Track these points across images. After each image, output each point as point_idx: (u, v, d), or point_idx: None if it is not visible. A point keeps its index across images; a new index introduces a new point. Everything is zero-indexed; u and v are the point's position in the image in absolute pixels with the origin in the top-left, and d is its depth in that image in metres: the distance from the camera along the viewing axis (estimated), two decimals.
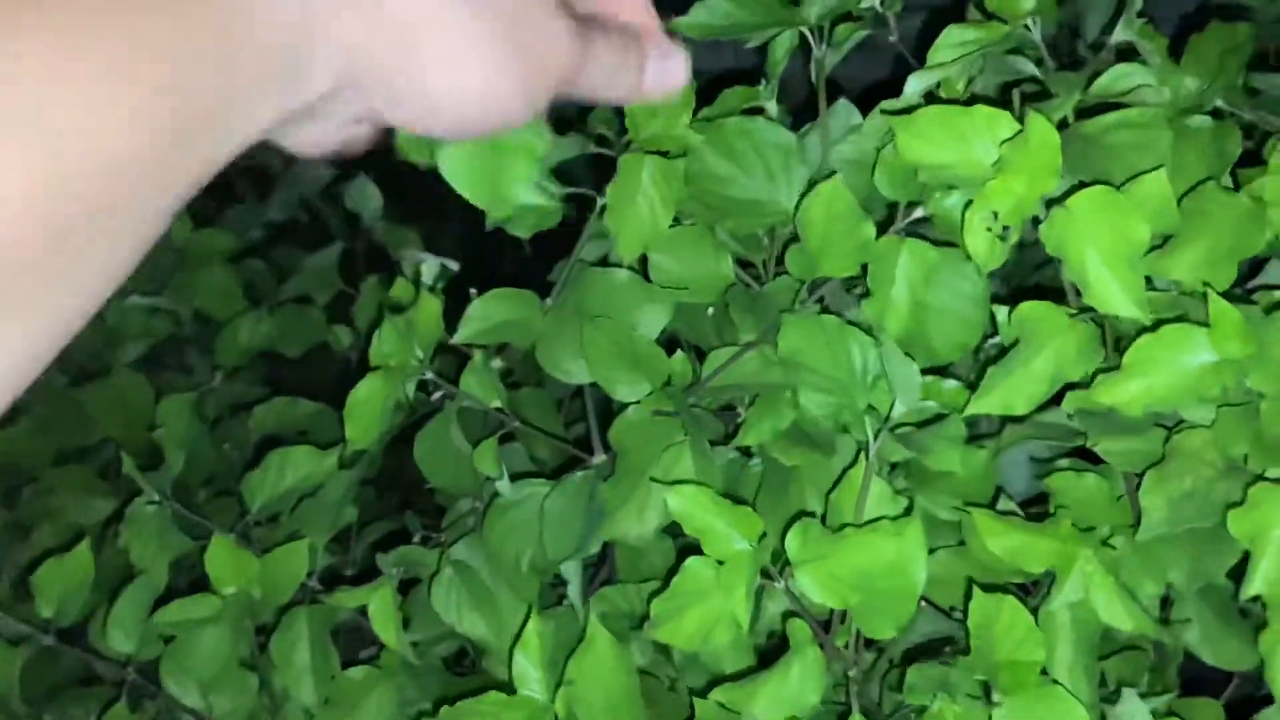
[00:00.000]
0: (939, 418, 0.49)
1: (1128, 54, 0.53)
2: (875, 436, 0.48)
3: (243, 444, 0.74)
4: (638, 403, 0.54)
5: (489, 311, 0.57)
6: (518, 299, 0.57)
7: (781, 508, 0.54)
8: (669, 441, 0.54)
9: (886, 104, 0.53)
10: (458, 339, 0.57)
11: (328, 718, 0.59)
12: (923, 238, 0.51)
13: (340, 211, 0.91)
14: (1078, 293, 0.48)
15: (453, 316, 0.58)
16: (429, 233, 0.85)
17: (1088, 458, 0.53)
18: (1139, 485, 0.50)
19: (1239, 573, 0.49)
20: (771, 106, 0.56)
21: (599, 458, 0.58)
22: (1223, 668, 0.50)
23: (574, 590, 0.57)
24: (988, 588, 0.54)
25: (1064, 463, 0.54)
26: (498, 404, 0.58)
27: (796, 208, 0.53)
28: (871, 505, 0.48)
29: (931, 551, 0.51)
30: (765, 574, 0.46)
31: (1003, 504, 0.54)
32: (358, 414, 0.58)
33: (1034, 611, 0.55)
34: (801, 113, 0.58)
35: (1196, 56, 0.51)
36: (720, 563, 0.46)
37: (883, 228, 0.51)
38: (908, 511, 0.48)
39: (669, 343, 0.56)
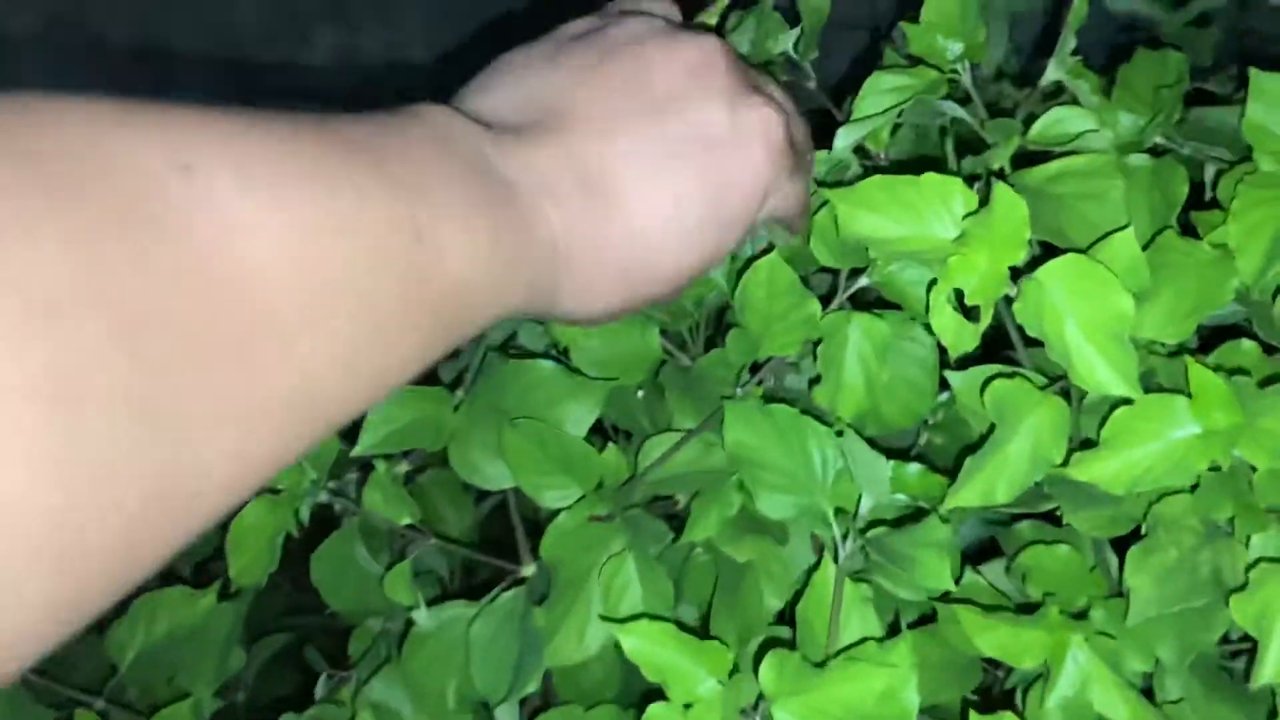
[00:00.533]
0: (916, 513, 0.44)
1: (1056, 93, 0.49)
2: (844, 539, 0.43)
3: None
4: (569, 508, 0.48)
5: (393, 415, 0.50)
6: (425, 397, 0.50)
7: (739, 610, 0.49)
8: (607, 550, 0.48)
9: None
10: (359, 451, 0.50)
11: None
12: (866, 303, 0.47)
13: None
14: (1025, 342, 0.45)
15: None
16: None
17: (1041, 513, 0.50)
18: (1112, 548, 0.47)
19: (1226, 637, 0.46)
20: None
21: (528, 568, 0.52)
22: None
23: None
24: (961, 671, 0.51)
25: (1025, 527, 0.51)
26: (408, 521, 0.52)
27: (730, 278, 0.48)
28: (846, 615, 0.43)
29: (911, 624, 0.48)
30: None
31: (967, 577, 0.50)
32: (242, 547, 0.50)
33: (1007, 692, 0.52)
34: None
35: (1129, 90, 0.48)
36: (688, 706, 0.40)
37: (824, 299, 0.46)
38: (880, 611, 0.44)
39: (596, 427, 0.51)
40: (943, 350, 0.55)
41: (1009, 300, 0.39)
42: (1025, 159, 0.47)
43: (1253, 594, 0.39)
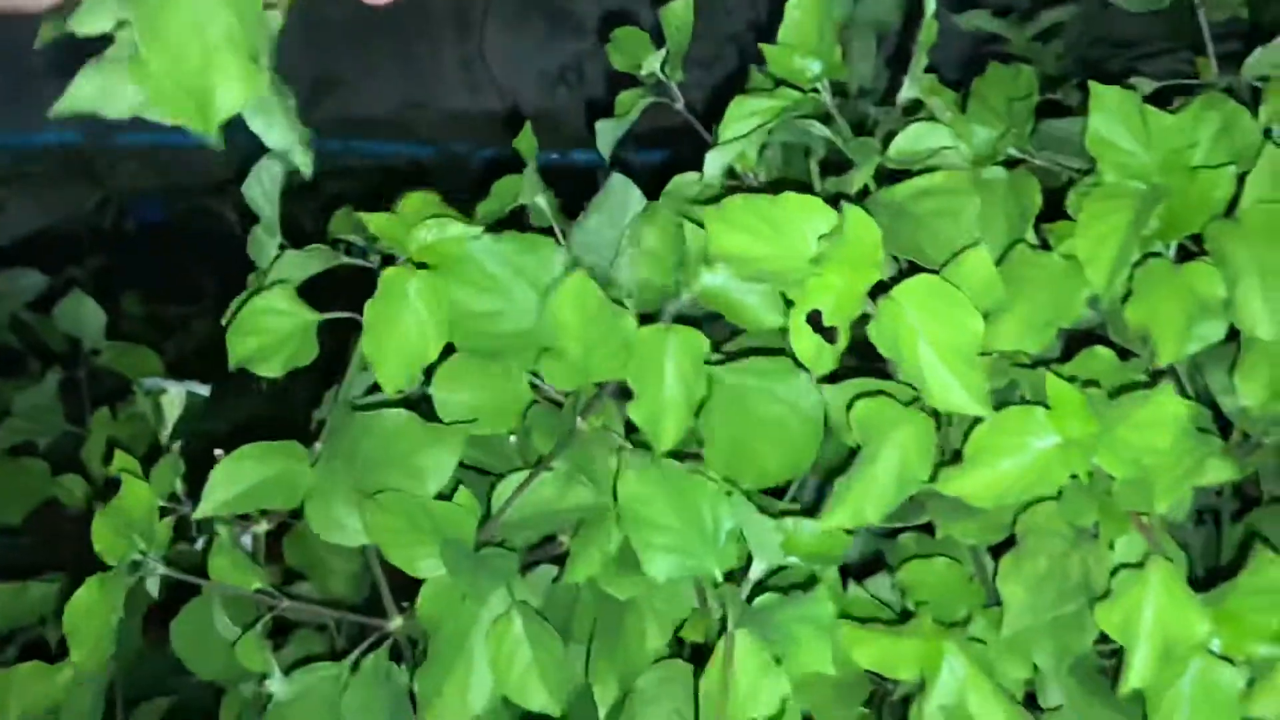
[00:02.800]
0: (805, 581, 0.44)
1: (915, 109, 0.50)
2: (734, 608, 0.42)
3: None
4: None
5: (240, 472, 0.47)
6: (277, 452, 0.47)
7: (620, 652, 0.47)
8: (486, 606, 0.46)
9: (679, 181, 0.49)
10: (201, 514, 0.47)
11: None
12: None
13: (56, 332, 0.78)
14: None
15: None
16: (172, 351, 0.74)
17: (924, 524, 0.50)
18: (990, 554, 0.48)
19: (1103, 636, 0.47)
20: (540, 202, 0.50)
21: (394, 622, 0.49)
22: None
23: None
24: (849, 688, 0.51)
25: (907, 539, 0.51)
26: (258, 587, 0.49)
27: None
28: (742, 676, 0.41)
29: None
30: None
31: (851, 590, 0.50)
32: (80, 633, 0.48)
33: (899, 703, 0.52)
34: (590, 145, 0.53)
35: (982, 103, 0.49)
36: None
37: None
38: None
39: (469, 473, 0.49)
40: None
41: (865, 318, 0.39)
42: (890, 175, 0.48)
43: (1116, 601, 0.40)
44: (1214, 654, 0.39)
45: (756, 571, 0.43)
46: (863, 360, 0.45)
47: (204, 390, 0.69)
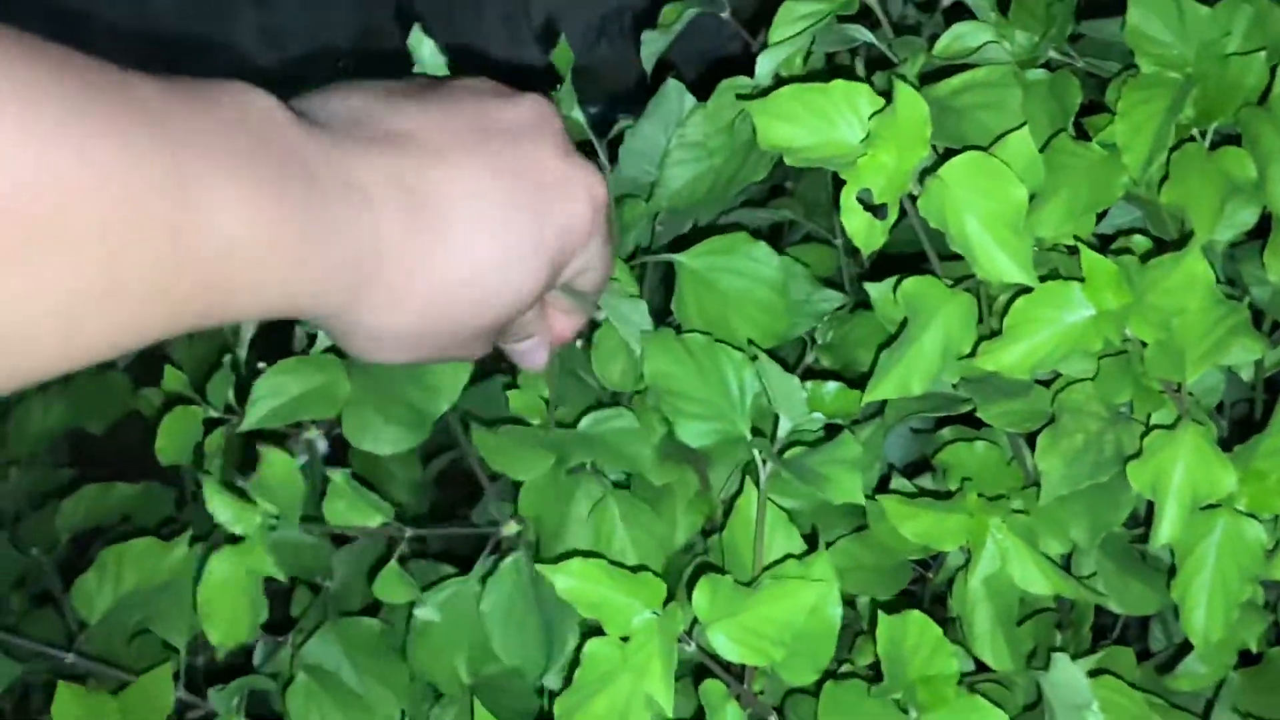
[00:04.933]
0: (829, 430, 0.47)
1: (956, 12, 0.52)
2: (764, 464, 0.45)
3: (51, 543, 0.65)
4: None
5: (281, 385, 0.49)
6: (315, 365, 0.50)
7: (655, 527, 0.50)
8: (582, 498, 0.49)
9: (729, 83, 0.51)
10: (246, 426, 0.49)
11: None
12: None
13: None
14: (924, 258, 0.47)
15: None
16: None
17: (966, 422, 0.52)
18: (1026, 443, 0.50)
19: (1134, 519, 0.49)
20: (577, 114, 0.51)
21: (509, 528, 0.51)
22: (1131, 614, 0.50)
23: None
24: (891, 573, 0.53)
25: (946, 431, 0.54)
26: (381, 521, 0.50)
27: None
28: (770, 535, 0.44)
29: (830, 544, 0.50)
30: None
31: (895, 482, 0.53)
32: (216, 610, 0.47)
33: (934, 592, 0.55)
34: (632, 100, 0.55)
35: (1022, 8, 0.51)
36: (625, 639, 0.40)
37: None
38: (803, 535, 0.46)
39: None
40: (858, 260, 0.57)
41: (914, 200, 0.42)
42: (931, 76, 0.50)
43: (1147, 460, 0.42)
44: (1240, 512, 0.41)
45: (784, 428, 0.45)
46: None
47: None
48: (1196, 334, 0.41)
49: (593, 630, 0.42)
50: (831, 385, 0.49)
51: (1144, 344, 0.42)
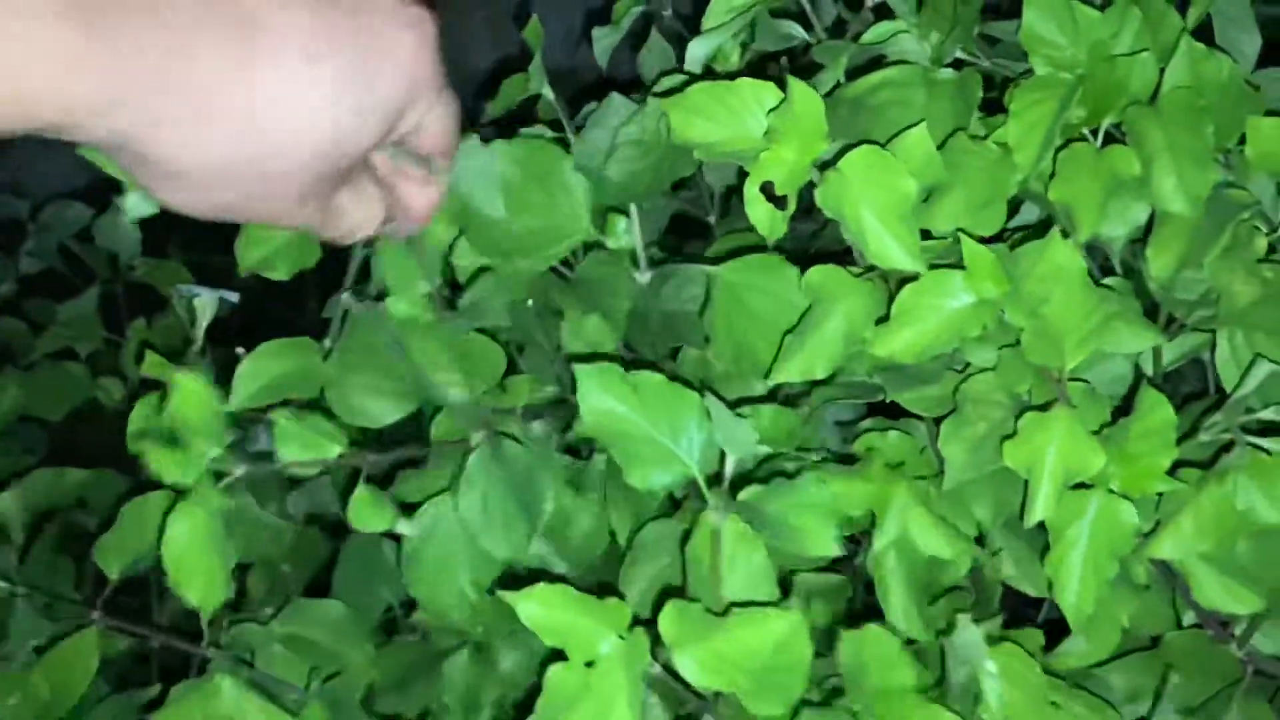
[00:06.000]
0: (773, 461, 0.47)
1: (883, 11, 0.54)
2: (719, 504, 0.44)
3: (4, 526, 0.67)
4: None
5: (262, 368, 0.51)
6: (292, 348, 0.52)
7: (629, 494, 0.50)
8: None
9: (664, 81, 0.53)
10: (233, 407, 0.50)
11: None
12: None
13: (99, 253, 0.84)
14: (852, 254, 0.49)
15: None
16: (200, 264, 0.80)
17: (888, 415, 0.54)
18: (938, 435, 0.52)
19: None
20: (547, 92, 0.54)
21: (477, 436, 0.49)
22: (1041, 595, 0.52)
23: None
24: None
25: (867, 423, 0.56)
26: (338, 451, 0.49)
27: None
28: (730, 561, 0.44)
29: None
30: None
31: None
32: (188, 573, 0.46)
33: (858, 565, 0.57)
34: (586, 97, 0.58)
35: (933, 8, 0.53)
36: (590, 664, 0.39)
37: None
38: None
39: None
40: None
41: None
42: (855, 73, 0.52)
43: (1022, 441, 0.44)
44: (1113, 492, 0.43)
45: (730, 466, 0.44)
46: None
47: (234, 298, 0.74)
48: (1072, 321, 0.43)
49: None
50: (767, 408, 0.49)
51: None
